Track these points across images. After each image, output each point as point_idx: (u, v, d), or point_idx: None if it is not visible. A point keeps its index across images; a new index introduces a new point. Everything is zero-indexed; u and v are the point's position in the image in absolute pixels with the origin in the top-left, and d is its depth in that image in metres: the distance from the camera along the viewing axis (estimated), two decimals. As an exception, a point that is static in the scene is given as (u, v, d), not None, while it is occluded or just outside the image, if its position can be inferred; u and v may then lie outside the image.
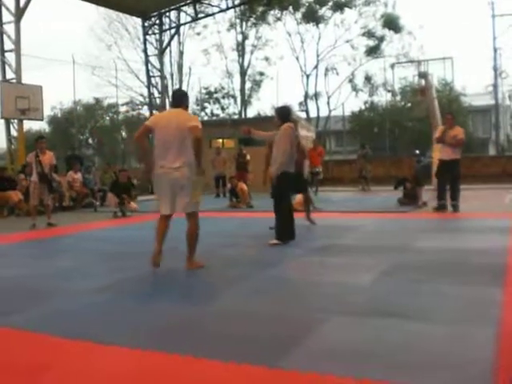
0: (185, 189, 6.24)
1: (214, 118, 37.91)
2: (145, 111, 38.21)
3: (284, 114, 8.19)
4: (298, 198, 13.45)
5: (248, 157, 18.84)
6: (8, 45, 19.49)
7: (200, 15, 28.92)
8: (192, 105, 39.01)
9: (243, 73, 39.03)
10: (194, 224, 6.44)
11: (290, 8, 36.31)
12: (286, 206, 8.10)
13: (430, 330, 3.80)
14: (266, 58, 38.77)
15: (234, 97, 39.52)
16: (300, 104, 38.72)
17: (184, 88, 38.86)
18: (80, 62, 30.98)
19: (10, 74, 19.49)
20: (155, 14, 27.58)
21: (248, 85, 39.66)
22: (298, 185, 9.10)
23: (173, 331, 4.03)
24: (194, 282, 5.82)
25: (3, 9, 19.49)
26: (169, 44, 29.89)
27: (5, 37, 19.52)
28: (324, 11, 36.57)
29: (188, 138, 6.15)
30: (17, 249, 8.84)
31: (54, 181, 11.54)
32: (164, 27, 28.38)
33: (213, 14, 29.91)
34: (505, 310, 4.19)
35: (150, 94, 28.69)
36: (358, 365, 3.17)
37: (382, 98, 35.31)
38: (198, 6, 27.87)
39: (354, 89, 37.03)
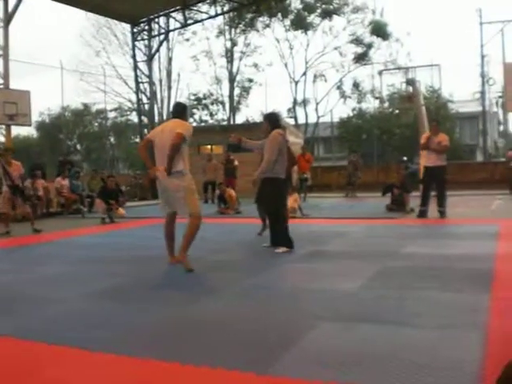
0: (179, 194, 6.59)
1: (203, 124, 37.89)
2: (133, 117, 38.22)
3: (273, 120, 8.19)
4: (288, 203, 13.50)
5: (236, 162, 18.88)
6: (-4, 50, 19.44)
7: (189, 21, 28.92)
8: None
9: (232, 79, 39.06)
10: (194, 223, 6.67)
11: (279, 15, 36.40)
12: (283, 212, 8.13)
13: (417, 335, 3.81)
14: (255, 65, 38.86)
15: (222, 103, 39.58)
16: (288, 110, 38.83)
17: (172, 94, 38.91)
18: (68, 67, 30.82)
19: (-3, 80, 19.43)
20: (144, 20, 27.58)
21: (237, 91, 39.74)
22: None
23: (159, 338, 4.02)
24: (183, 289, 5.81)
25: (-9, 14, 19.44)
26: (158, 50, 29.90)
27: (-7, 42, 19.46)
28: (312, 18, 36.71)
29: (185, 151, 6.59)
30: (2, 255, 8.79)
31: (26, 188, 11.48)
32: (153, 33, 28.38)
33: (202, 21, 29.93)
34: (491, 316, 4.22)
35: (139, 100, 28.65)
36: (345, 370, 3.18)
37: (370, 104, 35.52)
38: (187, 13, 27.87)
39: (343, 95, 37.16)
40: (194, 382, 3.14)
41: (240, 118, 39.80)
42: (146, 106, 28.63)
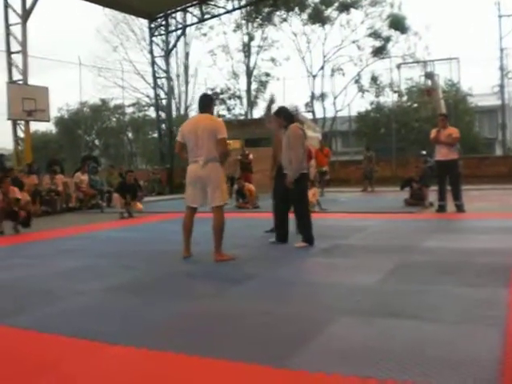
0: (210, 184, 6.81)
1: (220, 119, 37.81)
2: (151, 112, 38.29)
3: (288, 114, 8.14)
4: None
5: (251, 156, 18.86)
6: (15, 46, 19.56)
7: (206, 16, 28.96)
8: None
9: (249, 74, 38.96)
10: (219, 217, 6.88)
11: (296, 9, 36.25)
12: (308, 207, 8.13)
13: (436, 329, 3.80)
14: (272, 59, 38.68)
15: (239, 98, 39.47)
16: (306, 105, 38.62)
17: (190, 89, 38.97)
18: (86, 63, 30.91)
19: (16, 76, 19.56)
20: (161, 15, 27.63)
21: (254, 86, 39.59)
22: None
23: (179, 331, 4.04)
24: (203, 282, 5.84)
25: (10, 10, 19.57)
26: (175, 45, 29.93)
27: (11, 38, 19.58)
28: (330, 12, 36.46)
29: (214, 141, 6.79)
30: (23, 250, 8.87)
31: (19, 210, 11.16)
32: (170, 28, 28.43)
33: (219, 15, 29.93)
34: (510, 311, 4.19)
35: (156, 96, 28.73)
36: (364, 364, 3.18)
37: (389, 98, 35.13)
38: (204, 7, 27.91)
39: (360, 89, 36.88)
40: (213, 375, 3.15)
41: (257, 113, 39.67)
42: (164, 101, 28.70)
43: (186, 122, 7.34)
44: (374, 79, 36.24)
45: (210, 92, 37.55)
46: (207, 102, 7.27)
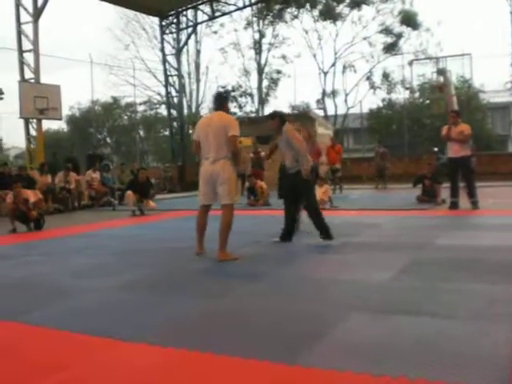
0: (221, 181, 6.78)
1: (232, 116, 37.79)
2: (162, 110, 38.37)
3: (282, 115, 8.20)
4: (317, 195, 13.45)
5: (262, 153, 18.84)
6: (26, 45, 19.64)
7: (217, 14, 28.97)
8: (209, 103, 39.08)
9: (260, 71, 38.96)
10: (227, 215, 6.84)
11: (307, 5, 36.19)
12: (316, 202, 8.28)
13: (448, 327, 3.78)
14: (283, 56, 38.64)
15: (251, 95, 39.47)
16: (318, 102, 38.59)
17: (201, 87, 39.02)
18: (98, 61, 31.00)
19: (28, 74, 19.64)
20: (172, 13, 27.67)
21: (265, 83, 39.57)
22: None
23: (193, 328, 4.05)
24: (214, 279, 5.83)
25: (21, 9, 19.64)
26: (186, 43, 30.00)
27: (23, 37, 19.66)
28: (341, 8, 36.38)
29: (225, 138, 6.79)
30: (35, 247, 8.91)
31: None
32: (181, 26, 28.47)
33: (230, 13, 29.94)
34: (525, 308, 4.16)
35: (168, 93, 28.78)
36: (376, 362, 3.16)
37: (400, 95, 35.01)
38: (214, 5, 27.92)
39: (372, 86, 36.79)
40: (226, 373, 3.15)
41: (268, 110, 39.55)
42: (175, 99, 28.75)
43: (201, 120, 7.37)
44: (385, 76, 36.14)
45: (221, 90, 37.65)
46: (222, 100, 7.31)
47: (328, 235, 7.84)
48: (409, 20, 34.90)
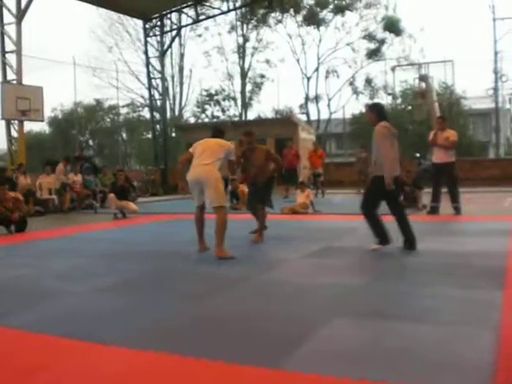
0: (208, 185, 7.17)
1: (215, 120, 37.89)
2: (145, 113, 38.29)
3: (382, 110, 7.95)
4: (299, 199, 13.50)
5: None
6: (9, 46, 19.52)
7: (201, 17, 28.94)
8: (192, 107, 39.07)
9: (244, 75, 39.03)
10: (222, 215, 7.20)
11: (291, 11, 36.31)
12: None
13: (429, 332, 3.80)
14: (267, 61, 38.79)
15: (234, 99, 39.54)
16: (300, 106, 38.76)
17: (184, 90, 39.01)
18: (81, 63, 30.93)
19: (10, 75, 19.52)
20: (156, 15, 27.61)
21: (249, 87, 39.69)
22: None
23: (173, 332, 4.04)
24: (196, 283, 5.83)
25: (4, 10, 19.53)
26: (170, 46, 29.94)
27: (6, 38, 19.55)
28: (325, 14, 36.59)
29: (219, 156, 7.44)
30: (16, 250, 8.84)
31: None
32: (165, 29, 28.41)
33: (214, 16, 29.93)
34: (504, 313, 4.20)
35: (151, 96, 28.68)
36: (358, 366, 3.18)
37: (383, 100, 35.25)
38: (199, 8, 27.89)
39: (355, 91, 37.04)
40: (207, 376, 3.15)
41: (252, 114, 39.77)
42: (159, 102, 28.65)
43: (201, 141, 7.80)
44: (368, 81, 36.41)
45: (204, 93, 37.70)
46: (218, 134, 7.97)
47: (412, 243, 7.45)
48: (392, 26, 35.17)
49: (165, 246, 8.26)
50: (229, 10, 28.69)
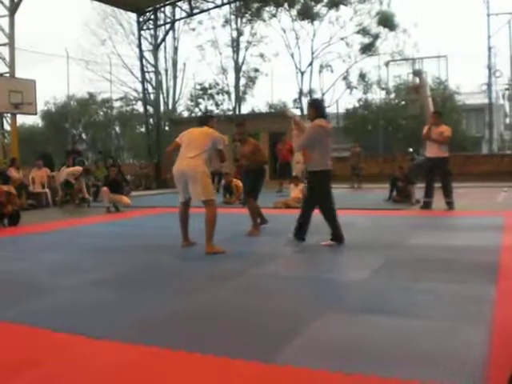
0: (193, 179, 7.08)
1: (208, 113, 37.82)
2: (139, 107, 38.19)
3: (320, 106, 8.22)
4: (293, 194, 13.51)
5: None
6: (2, 39, 19.40)
7: (195, 11, 28.83)
8: (186, 101, 38.98)
9: (238, 69, 38.93)
10: (211, 210, 7.17)
11: (286, 5, 36.22)
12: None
13: (421, 326, 3.81)
14: (261, 55, 38.68)
15: (228, 93, 39.43)
16: (294, 101, 38.71)
17: (178, 84, 38.90)
18: (74, 56, 30.82)
19: (3, 68, 19.39)
20: (150, 9, 27.50)
21: (242, 81, 39.57)
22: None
23: (165, 325, 4.03)
24: (189, 277, 5.82)
25: (-3, 2, 19.40)
26: (163, 39, 29.84)
27: (-1, 30, 19.44)
28: (319, 8, 36.47)
29: (206, 147, 7.26)
30: (8, 244, 8.82)
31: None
32: (159, 23, 28.31)
33: (208, 10, 29.84)
34: (497, 308, 4.21)
35: (144, 90, 28.59)
36: (349, 360, 3.18)
37: (377, 95, 35.25)
38: (193, 2, 27.79)
39: (349, 86, 36.96)
40: (199, 370, 3.15)
41: (246, 108, 39.68)
42: (152, 96, 28.56)
43: (187, 130, 7.68)
44: (362, 76, 36.34)
45: (198, 87, 37.62)
46: (204, 122, 7.84)
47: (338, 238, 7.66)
48: (386, 21, 35.10)
49: (157, 240, 8.24)
50: (223, 4, 28.60)
